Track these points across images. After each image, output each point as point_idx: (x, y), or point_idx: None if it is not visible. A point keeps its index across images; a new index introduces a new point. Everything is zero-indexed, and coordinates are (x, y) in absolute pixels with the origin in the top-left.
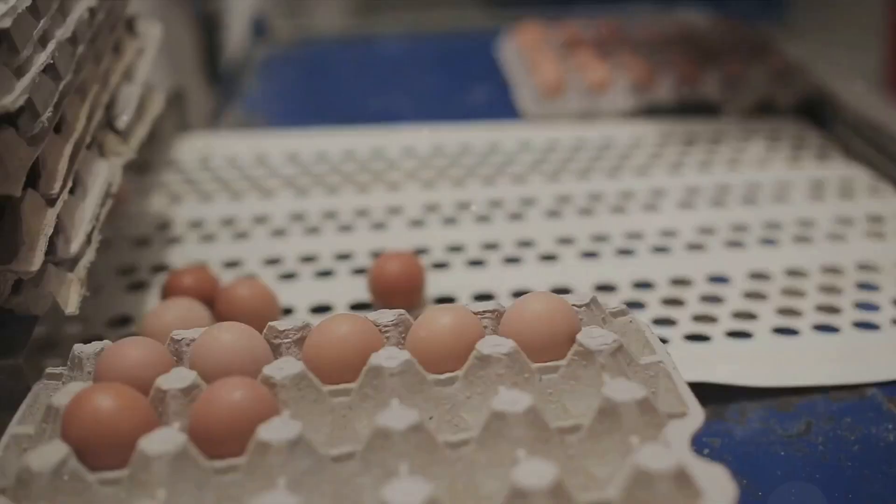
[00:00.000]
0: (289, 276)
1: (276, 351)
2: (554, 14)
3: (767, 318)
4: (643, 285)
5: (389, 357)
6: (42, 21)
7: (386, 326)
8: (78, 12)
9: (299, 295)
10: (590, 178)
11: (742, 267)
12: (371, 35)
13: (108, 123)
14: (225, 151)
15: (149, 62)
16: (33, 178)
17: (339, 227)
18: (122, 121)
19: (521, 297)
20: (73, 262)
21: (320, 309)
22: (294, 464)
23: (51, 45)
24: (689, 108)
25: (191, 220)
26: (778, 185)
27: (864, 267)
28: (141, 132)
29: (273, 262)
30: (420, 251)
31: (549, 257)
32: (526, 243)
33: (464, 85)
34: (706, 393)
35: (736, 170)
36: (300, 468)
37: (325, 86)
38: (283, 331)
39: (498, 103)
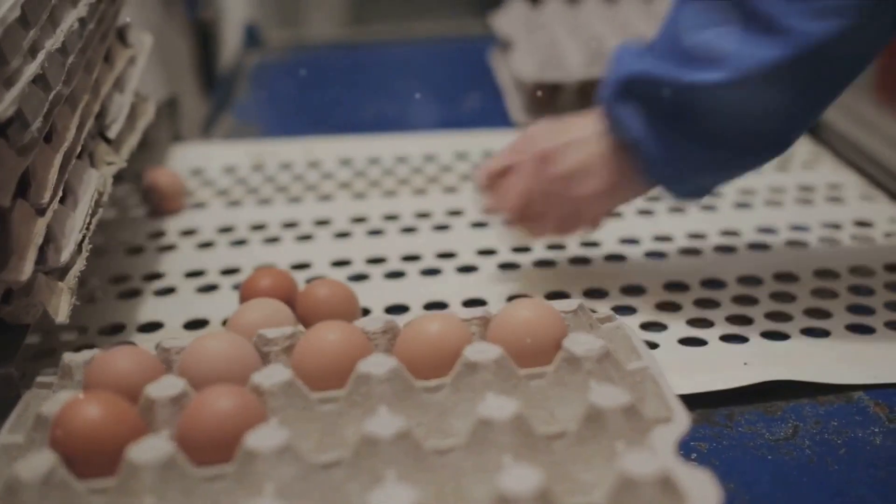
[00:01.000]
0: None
1: (266, 359)
2: None
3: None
4: (636, 290)
5: (377, 364)
6: (31, 32)
7: (374, 333)
8: (68, 23)
9: None
10: None
11: (735, 270)
12: (364, 43)
13: (99, 133)
14: (219, 160)
15: (140, 71)
16: (23, 187)
17: (333, 234)
18: (113, 130)
19: (509, 304)
20: (63, 271)
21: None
22: (282, 471)
23: (41, 56)
24: None
25: (185, 228)
26: (767, 191)
27: (854, 271)
28: (132, 141)
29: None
30: (412, 258)
31: (545, 263)
32: (519, 249)
33: (457, 93)
34: (694, 397)
35: None
36: (288, 475)
37: (319, 94)
38: (272, 339)
39: (490, 111)
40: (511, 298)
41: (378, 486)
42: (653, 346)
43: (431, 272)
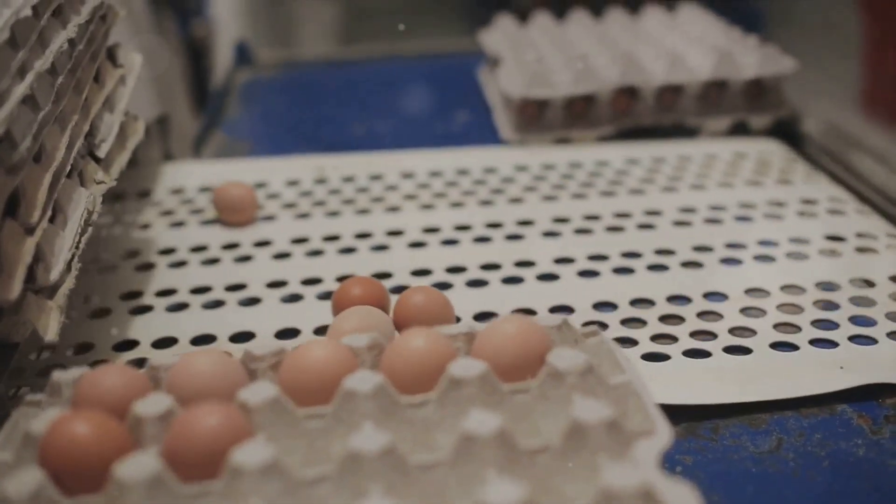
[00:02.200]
0: (291, 299)
1: (253, 376)
2: None
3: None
4: (606, 305)
5: (363, 380)
6: (21, 52)
7: (360, 350)
8: (58, 43)
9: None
10: (558, 201)
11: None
12: (355, 61)
13: (89, 152)
14: (210, 178)
15: (130, 91)
16: (13, 206)
17: (311, 251)
18: (103, 149)
19: (494, 320)
20: (52, 290)
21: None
22: (267, 487)
23: (30, 76)
24: (666, 130)
25: (192, 245)
26: (747, 205)
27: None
28: (122, 160)
29: (277, 284)
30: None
31: (548, 276)
32: (525, 263)
33: (448, 110)
34: (678, 411)
35: (710, 190)
36: (274, 491)
37: (309, 112)
38: (259, 356)
39: (479, 128)
40: (519, 309)
41: (363, 501)
42: (663, 357)
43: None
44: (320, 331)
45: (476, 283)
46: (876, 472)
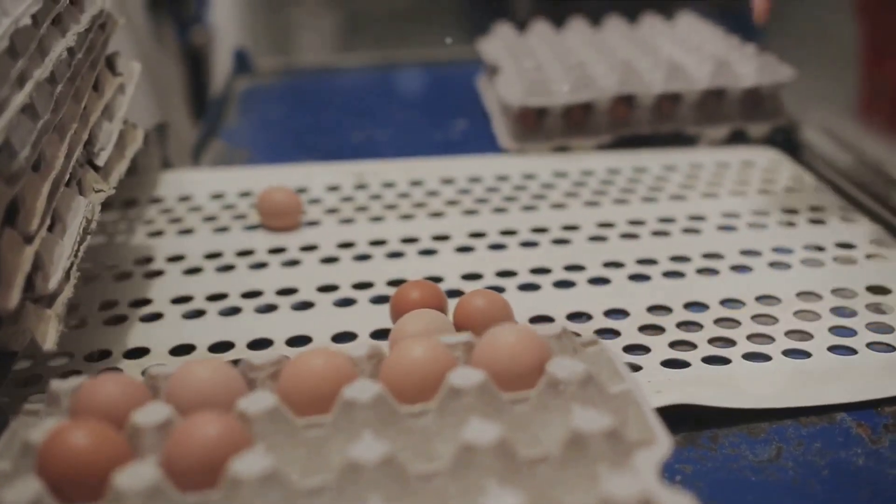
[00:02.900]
0: (344, 303)
1: (252, 385)
2: None
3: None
4: (619, 313)
5: (362, 390)
6: (20, 61)
7: (359, 359)
8: (57, 51)
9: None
10: (568, 209)
11: (717, 293)
12: (354, 68)
13: (88, 160)
14: (209, 186)
15: (128, 99)
16: (11, 215)
17: (320, 259)
18: (101, 158)
19: (493, 329)
20: (51, 299)
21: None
22: (266, 496)
23: (29, 85)
24: (664, 138)
25: (173, 254)
26: (751, 214)
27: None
28: (121, 168)
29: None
30: (398, 281)
31: (529, 286)
32: (506, 273)
33: (445, 118)
34: (678, 420)
35: (709, 199)
36: (272, 501)
37: (308, 119)
38: (259, 365)
39: (478, 136)
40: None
41: None
42: (637, 367)
43: (346, 302)
44: (377, 334)
45: (529, 287)
46: (875, 481)
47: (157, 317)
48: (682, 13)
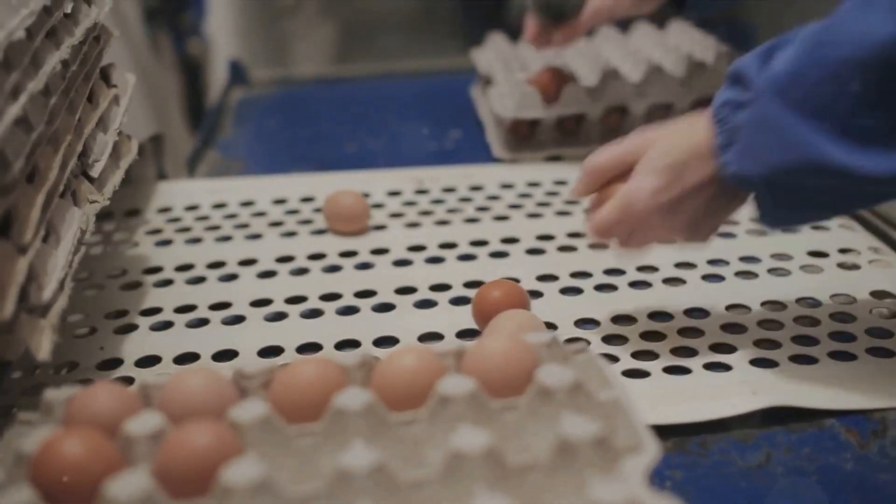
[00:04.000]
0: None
1: (244, 394)
2: None
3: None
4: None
5: (353, 398)
6: (14, 74)
7: (350, 368)
8: (51, 64)
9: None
10: (573, 216)
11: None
12: (349, 80)
13: (82, 172)
14: (208, 196)
15: (123, 111)
16: (6, 226)
17: (323, 268)
18: (96, 169)
19: (483, 337)
20: (45, 309)
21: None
22: None
23: (23, 98)
24: None
25: (179, 264)
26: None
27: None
28: (115, 179)
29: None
30: (408, 290)
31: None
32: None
33: (441, 127)
34: (668, 427)
35: None
36: None
37: (304, 130)
38: (250, 374)
39: (474, 145)
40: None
41: None
42: (643, 373)
43: (426, 304)
44: (462, 334)
45: (460, 301)
46: (864, 487)
47: (281, 316)
48: (674, 21)
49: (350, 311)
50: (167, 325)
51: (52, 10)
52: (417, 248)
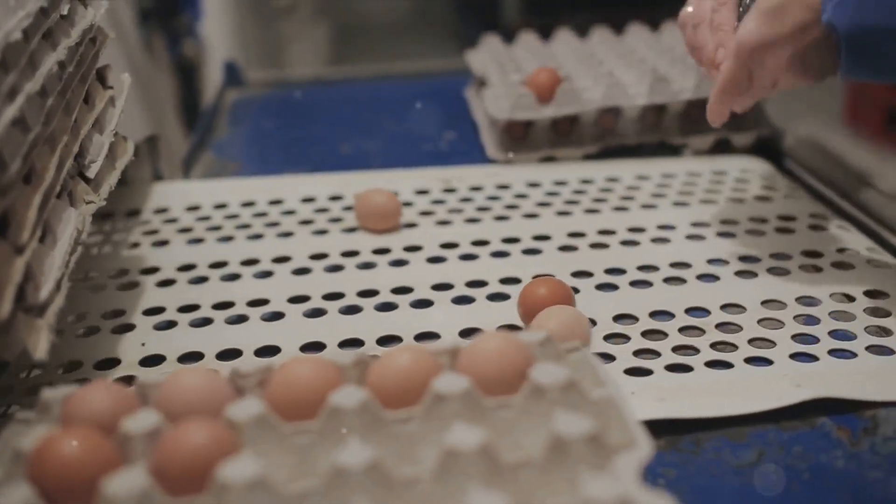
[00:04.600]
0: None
1: (241, 393)
2: None
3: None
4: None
5: (348, 396)
6: (10, 75)
7: (345, 366)
8: (48, 65)
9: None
10: (571, 216)
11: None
12: (344, 80)
13: (79, 172)
14: (203, 197)
15: (119, 112)
16: (3, 227)
17: (326, 267)
18: (92, 170)
19: (477, 336)
20: (42, 309)
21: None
22: (254, 502)
23: (20, 99)
24: (650, 147)
25: (179, 264)
26: (728, 221)
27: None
28: (111, 180)
29: (259, 302)
30: (404, 289)
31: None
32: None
33: (435, 129)
34: (661, 425)
35: (701, 206)
36: None
37: (298, 132)
38: (247, 373)
39: (469, 147)
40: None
41: None
42: (644, 371)
43: (424, 303)
44: (505, 329)
45: (462, 300)
46: (855, 484)
47: (318, 312)
48: (668, 23)
49: (388, 307)
50: (206, 320)
51: (48, 12)
52: (450, 246)
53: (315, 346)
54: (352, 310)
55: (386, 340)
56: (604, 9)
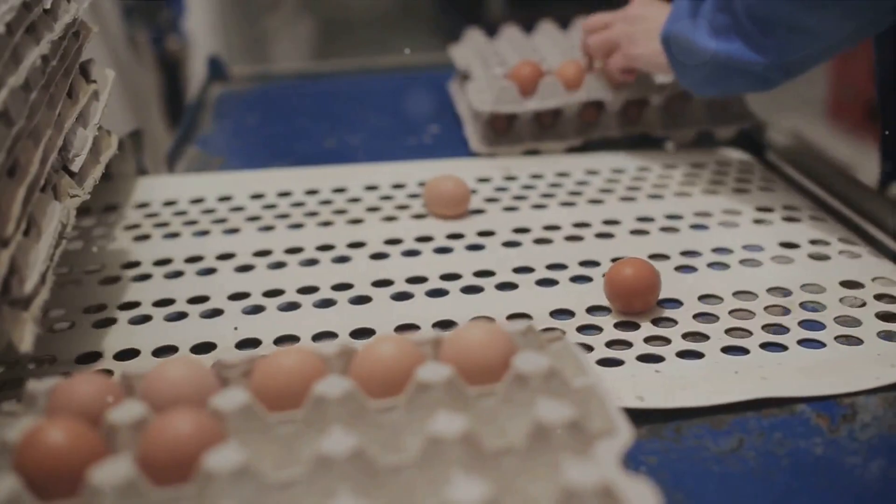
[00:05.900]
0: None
1: (226, 383)
2: None
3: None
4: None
5: (332, 385)
6: None
7: (329, 356)
8: (31, 59)
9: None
10: (548, 209)
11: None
12: (328, 75)
13: (63, 166)
14: (187, 191)
15: (103, 106)
16: None
17: (301, 261)
18: (76, 164)
19: (461, 325)
20: (27, 302)
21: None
22: (239, 490)
23: (3, 92)
24: (633, 140)
25: (156, 258)
26: (703, 213)
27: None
28: (95, 174)
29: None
30: (383, 282)
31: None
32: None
33: (419, 122)
34: (642, 413)
35: (682, 198)
36: (245, 494)
37: (283, 126)
38: (232, 363)
39: (452, 140)
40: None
41: (333, 502)
42: (699, 355)
43: (403, 296)
44: (593, 309)
45: (437, 293)
46: (833, 470)
47: (403, 296)
48: None
49: (473, 290)
50: (258, 308)
51: (31, 6)
52: (522, 231)
53: (292, 340)
54: (326, 303)
55: (360, 333)
56: (586, 1)
